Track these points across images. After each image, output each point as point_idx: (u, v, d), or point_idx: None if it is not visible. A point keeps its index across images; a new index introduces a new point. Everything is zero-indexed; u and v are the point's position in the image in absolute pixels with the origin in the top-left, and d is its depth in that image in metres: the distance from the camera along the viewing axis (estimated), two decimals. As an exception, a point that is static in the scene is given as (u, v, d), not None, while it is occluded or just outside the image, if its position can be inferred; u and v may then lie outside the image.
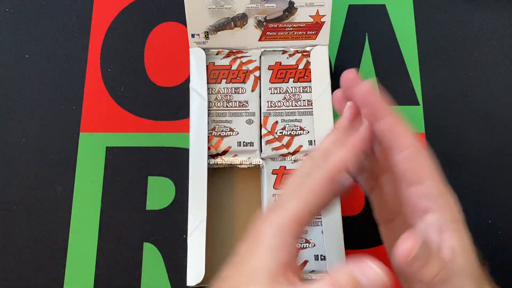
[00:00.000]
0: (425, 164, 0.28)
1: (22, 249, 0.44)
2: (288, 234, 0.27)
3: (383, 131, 0.28)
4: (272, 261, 0.26)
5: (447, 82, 0.51)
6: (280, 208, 0.28)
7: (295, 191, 0.28)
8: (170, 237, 0.45)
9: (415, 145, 0.28)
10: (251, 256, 0.27)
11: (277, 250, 0.26)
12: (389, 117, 0.28)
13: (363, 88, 0.28)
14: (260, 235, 0.27)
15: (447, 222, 0.27)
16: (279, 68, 0.46)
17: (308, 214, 0.27)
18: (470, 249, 0.27)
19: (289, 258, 0.26)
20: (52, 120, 0.48)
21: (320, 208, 0.28)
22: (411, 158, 0.28)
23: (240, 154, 0.44)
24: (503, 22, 0.53)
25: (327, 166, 0.28)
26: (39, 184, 0.46)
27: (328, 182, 0.28)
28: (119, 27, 0.52)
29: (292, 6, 0.43)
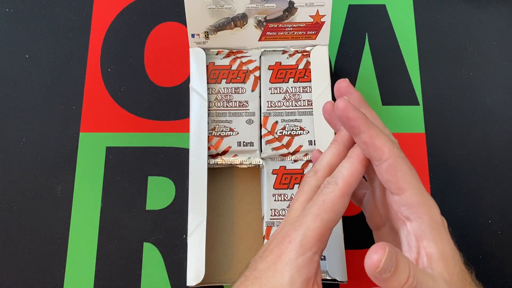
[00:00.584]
0: (404, 174, 0.28)
1: (22, 249, 0.44)
2: (311, 250, 0.28)
3: (364, 144, 0.29)
4: (297, 277, 0.27)
5: (447, 82, 0.51)
6: (299, 226, 0.29)
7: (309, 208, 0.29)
8: (170, 237, 0.45)
9: (395, 155, 0.28)
10: (275, 273, 0.28)
11: (301, 267, 0.27)
12: (369, 130, 0.29)
13: (340, 105, 0.29)
14: (281, 252, 0.28)
15: (426, 229, 0.28)
16: (279, 68, 0.46)
17: (327, 231, 0.29)
18: (451, 255, 0.28)
19: (313, 273, 0.28)
20: (52, 120, 0.48)
21: (336, 222, 0.29)
22: (390, 169, 0.28)
23: (240, 154, 0.44)
24: (503, 22, 0.53)
25: (338, 181, 0.29)
26: (39, 184, 0.46)
27: (342, 197, 0.29)
28: (119, 27, 0.52)
29: (292, 6, 0.43)
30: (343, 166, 0.30)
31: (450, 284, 0.26)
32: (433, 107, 0.50)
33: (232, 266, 0.43)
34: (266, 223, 0.42)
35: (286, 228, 0.29)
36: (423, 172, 0.48)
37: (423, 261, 0.27)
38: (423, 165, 0.48)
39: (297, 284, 0.27)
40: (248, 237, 0.44)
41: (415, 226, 0.28)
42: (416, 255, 0.28)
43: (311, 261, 0.28)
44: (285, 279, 0.27)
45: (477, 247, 0.46)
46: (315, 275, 0.28)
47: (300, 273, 0.27)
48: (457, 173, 0.48)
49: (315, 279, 0.28)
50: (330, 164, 0.31)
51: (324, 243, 0.29)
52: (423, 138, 0.49)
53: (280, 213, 0.42)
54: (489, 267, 0.45)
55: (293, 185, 0.43)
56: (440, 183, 0.47)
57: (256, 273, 0.29)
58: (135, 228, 0.45)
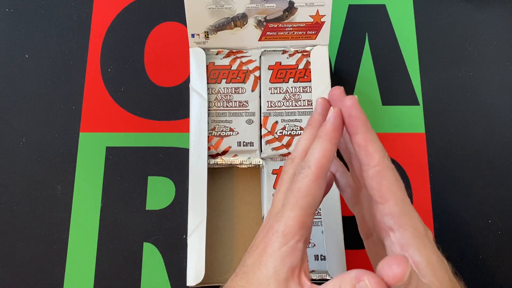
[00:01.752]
0: (390, 184, 0.28)
1: (22, 249, 0.44)
2: (293, 239, 0.28)
3: (358, 145, 0.29)
4: (281, 267, 0.27)
5: (447, 82, 0.51)
6: (280, 216, 0.28)
7: (287, 197, 0.29)
8: (170, 237, 0.45)
9: (384, 164, 0.28)
10: (260, 265, 0.28)
11: (284, 256, 0.27)
12: (365, 133, 0.29)
13: (348, 102, 0.29)
14: (266, 245, 0.28)
15: (410, 239, 0.27)
16: (279, 68, 0.46)
17: (308, 216, 0.28)
18: (438, 264, 0.27)
19: (298, 261, 0.27)
20: (52, 120, 0.48)
21: (316, 206, 0.29)
22: (377, 177, 0.28)
23: (240, 154, 0.44)
24: (503, 22, 0.53)
25: (311, 164, 0.29)
26: (39, 184, 0.46)
27: (316, 180, 0.28)
28: (119, 27, 0.52)
29: (292, 6, 0.43)
30: (314, 148, 0.29)
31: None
32: (433, 107, 0.50)
33: (232, 266, 0.43)
34: None
35: (270, 221, 0.29)
36: (423, 172, 0.48)
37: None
38: (423, 165, 0.48)
39: (282, 274, 0.27)
40: (248, 237, 0.44)
41: (398, 236, 0.28)
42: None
43: (295, 249, 0.27)
44: (270, 271, 0.27)
45: (477, 247, 0.46)
46: (300, 263, 0.28)
47: (284, 263, 0.27)
48: (457, 173, 0.48)
49: (301, 267, 0.28)
50: (305, 149, 0.31)
51: (307, 230, 0.28)
52: (423, 138, 0.49)
53: None
54: (489, 267, 0.45)
55: None
56: (440, 183, 0.47)
57: (245, 268, 0.29)
58: (135, 228, 0.45)
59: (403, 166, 0.48)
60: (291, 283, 0.27)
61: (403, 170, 0.47)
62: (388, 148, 0.48)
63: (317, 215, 0.42)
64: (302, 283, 0.27)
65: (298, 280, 0.27)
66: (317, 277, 0.40)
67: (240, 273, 0.29)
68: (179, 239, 0.45)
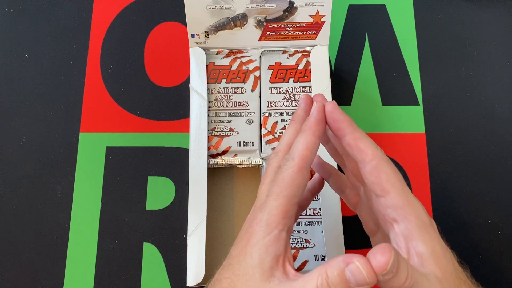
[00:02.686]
0: (388, 176, 0.29)
1: (22, 249, 0.44)
2: (277, 228, 0.28)
3: (349, 146, 0.30)
4: (266, 256, 0.27)
5: (447, 82, 0.51)
6: (264, 207, 0.29)
7: (271, 188, 0.29)
8: (170, 237, 0.45)
9: (379, 157, 0.29)
10: (245, 256, 0.28)
11: (269, 245, 0.27)
12: (353, 133, 0.29)
13: (330, 106, 0.30)
14: (250, 235, 0.28)
15: (413, 229, 0.28)
16: (279, 68, 0.46)
17: (290, 207, 0.29)
18: (442, 253, 0.28)
19: (281, 250, 0.28)
20: (52, 120, 0.48)
21: (299, 196, 0.29)
22: (375, 171, 0.29)
23: (240, 154, 0.44)
24: (503, 22, 0.53)
25: (295, 155, 0.29)
26: (39, 184, 0.46)
27: (300, 171, 0.29)
28: (119, 27, 0.52)
29: (292, 6, 0.43)
30: (297, 142, 0.30)
31: (443, 281, 0.26)
32: (433, 107, 0.50)
33: (232, 266, 0.43)
34: None
35: (254, 212, 0.30)
36: (423, 172, 0.48)
37: (414, 260, 0.27)
38: (423, 165, 0.48)
39: (267, 263, 0.27)
40: (248, 237, 0.44)
41: (402, 227, 0.28)
42: (406, 255, 0.28)
43: (278, 238, 0.28)
44: (255, 261, 0.27)
45: (477, 247, 0.46)
46: (284, 252, 0.28)
47: (268, 252, 0.27)
48: (457, 173, 0.48)
49: (285, 255, 0.28)
50: (289, 143, 0.32)
51: (290, 220, 0.29)
52: (423, 138, 0.49)
53: None
54: (489, 267, 0.45)
55: None
56: (440, 183, 0.47)
57: (230, 260, 0.29)
58: (135, 228, 0.45)
59: (403, 166, 0.48)
60: (276, 271, 0.27)
61: (403, 170, 0.47)
62: (388, 148, 0.48)
63: (317, 215, 0.42)
64: (286, 271, 0.27)
65: (283, 269, 0.27)
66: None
67: (226, 265, 0.29)
68: (179, 239, 0.45)
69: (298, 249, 0.41)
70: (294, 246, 0.41)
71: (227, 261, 0.29)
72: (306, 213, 0.42)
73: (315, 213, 0.42)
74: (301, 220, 0.42)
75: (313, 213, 0.42)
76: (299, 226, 0.42)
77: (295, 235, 0.42)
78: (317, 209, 0.42)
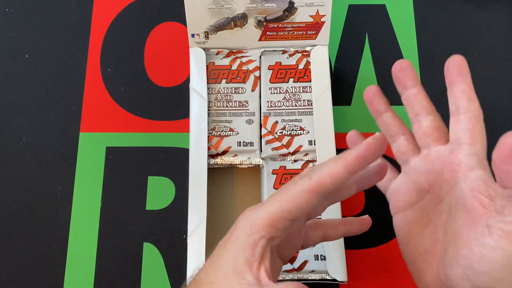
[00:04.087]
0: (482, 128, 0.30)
1: (22, 249, 0.44)
2: (258, 233, 0.27)
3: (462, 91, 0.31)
4: (239, 257, 0.27)
5: (447, 82, 0.51)
6: (258, 207, 0.28)
7: (274, 194, 0.29)
8: (170, 237, 0.45)
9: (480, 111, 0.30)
10: (224, 250, 0.28)
11: (245, 248, 0.27)
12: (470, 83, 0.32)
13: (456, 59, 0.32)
14: (233, 231, 0.28)
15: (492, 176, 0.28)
16: (279, 68, 0.46)
17: (281, 219, 0.28)
18: None
19: (257, 257, 0.27)
20: (52, 120, 0.48)
21: (296, 216, 0.28)
22: (473, 120, 0.30)
23: (240, 154, 0.44)
24: (503, 22, 0.53)
25: (313, 176, 0.28)
26: (39, 184, 0.46)
27: (309, 193, 0.28)
28: (119, 27, 0.52)
29: (292, 6, 0.43)
30: (325, 164, 0.28)
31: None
32: (433, 107, 0.50)
33: (232, 266, 0.43)
34: None
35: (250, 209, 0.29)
36: (423, 172, 0.47)
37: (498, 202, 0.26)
38: (423, 165, 0.48)
39: (239, 264, 0.26)
40: (248, 237, 0.44)
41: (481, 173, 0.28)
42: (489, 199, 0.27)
43: (255, 244, 0.27)
44: (230, 258, 0.27)
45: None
46: (260, 259, 0.27)
47: (243, 254, 0.27)
48: (457, 173, 0.48)
49: (260, 263, 0.27)
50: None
51: (276, 231, 0.28)
52: (423, 138, 0.49)
53: None
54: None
55: None
56: (440, 183, 0.47)
57: (214, 251, 0.29)
58: (135, 228, 0.45)
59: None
60: (247, 275, 0.26)
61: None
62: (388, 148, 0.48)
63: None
64: (260, 278, 0.26)
65: (256, 276, 0.26)
66: (317, 277, 0.40)
67: (209, 256, 0.29)
68: (179, 239, 0.45)
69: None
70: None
71: (212, 252, 0.29)
72: (306, 213, 0.42)
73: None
74: (301, 220, 0.42)
75: (313, 213, 0.42)
76: (299, 226, 0.42)
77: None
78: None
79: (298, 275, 0.40)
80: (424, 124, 0.33)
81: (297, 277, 0.40)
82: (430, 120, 0.33)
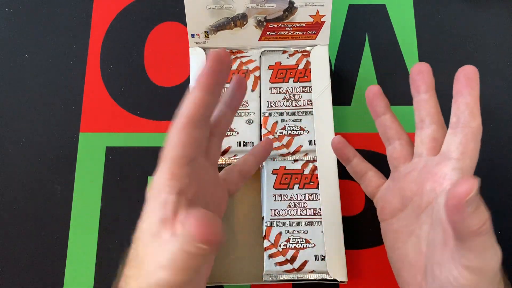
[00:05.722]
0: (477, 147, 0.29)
1: (22, 249, 0.44)
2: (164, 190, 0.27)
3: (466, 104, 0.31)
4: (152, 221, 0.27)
5: (447, 82, 0.51)
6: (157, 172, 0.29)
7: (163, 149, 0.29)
8: (170, 237, 0.45)
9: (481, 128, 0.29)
10: (141, 221, 0.28)
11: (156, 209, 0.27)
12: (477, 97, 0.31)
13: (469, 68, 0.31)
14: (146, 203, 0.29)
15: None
16: (279, 68, 0.46)
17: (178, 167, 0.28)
18: None
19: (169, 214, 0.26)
20: (52, 120, 0.48)
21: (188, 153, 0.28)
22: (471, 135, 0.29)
23: (240, 154, 0.44)
24: (503, 22, 0.53)
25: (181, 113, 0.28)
26: (39, 184, 0.46)
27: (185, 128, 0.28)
28: (119, 27, 0.52)
29: (292, 6, 0.43)
30: (187, 97, 0.28)
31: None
32: (433, 107, 0.50)
33: (232, 266, 0.43)
34: (266, 223, 0.42)
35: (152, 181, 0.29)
36: (423, 172, 0.47)
37: None
38: (423, 165, 0.48)
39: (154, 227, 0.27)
40: (248, 237, 0.44)
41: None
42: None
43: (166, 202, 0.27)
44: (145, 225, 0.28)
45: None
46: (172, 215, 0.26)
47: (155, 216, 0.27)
48: (457, 173, 0.48)
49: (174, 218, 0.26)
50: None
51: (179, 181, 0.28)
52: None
53: (280, 213, 0.42)
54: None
55: (293, 185, 0.43)
56: (440, 183, 0.47)
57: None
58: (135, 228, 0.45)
59: (403, 166, 0.48)
60: (163, 233, 0.26)
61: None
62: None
63: (317, 215, 0.42)
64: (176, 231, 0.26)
65: (172, 231, 0.26)
66: (317, 277, 0.40)
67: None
68: (179, 239, 0.45)
69: (298, 249, 0.41)
70: (294, 246, 0.41)
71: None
72: (306, 213, 0.42)
73: (315, 213, 0.42)
74: (301, 220, 0.42)
75: (313, 213, 0.42)
76: (299, 226, 0.42)
77: (295, 235, 0.41)
78: (317, 209, 0.42)
79: (298, 275, 0.40)
80: (424, 132, 0.32)
81: (297, 277, 0.40)
82: (432, 130, 0.32)
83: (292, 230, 0.42)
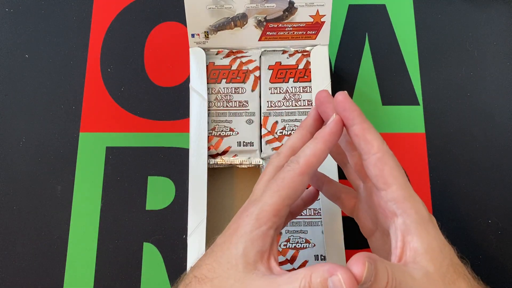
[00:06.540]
0: (391, 169, 0.29)
1: (22, 249, 0.44)
2: (266, 224, 0.28)
3: (356, 136, 0.30)
4: (251, 249, 0.28)
5: (447, 82, 0.51)
6: (258, 201, 0.29)
7: (269, 185, 0.30)
8: (170, 237, 0.45)
9: (383, 150, 0.29)
10: (230, 245, 0.28)
11: (255, 240, 0.28)
12: (362, 123, 0.30)
13: (340, 97, 0.30)
14: (238, 226, 0.29)
15: (411, 224, 0.28)
16: (279, 68, 0.46)
17: (283, 207, 0.29)
18: (439, 249, 0.28)
19: (267, 247, 0.28)
20: (52, 120, 0.48)
21: (295, 200, 0.30)
22: (378, 164, 0.29)
23: (240, 154, 0.44)
24: (503, 22, 0.53)
25: (300, 159, 0.30)
26: (39, 184, 0.46)
27: (301, 175, 0.29)
28: (119, 27, 0.52)
29: (292, 6, 0.43)
30: (307, 147, 0.30)
31: (435, 277, 0.27)
32: (433, 107, 0.50)
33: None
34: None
35: (247, 205, 0.30)
36: (423, 172, 0.48)
37: (407, 256, 0.28)
38: (423, 165, 0.48)
39: (251, 256, 0.27)
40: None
41: (400, 222, 0.28)
42: (401, 250, 0.28)
43: (265, 235, 0.28)
44: (239, 251, 0.28)
45: (477, 247, 0.46)
46: (269, 248, 0.28)
47: (253, 245, 0.28)
48: (457, 173, 0.48)
49: (270, 252, 0.28)
50: (292, 146, 0.32)
51: (280, 219, 0.29)
52: (423, 138, 0.49)
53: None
54: (489, 267, 0.45)
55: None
56: (440, 183, 0.47)
57: (214, 247, 0.29)
58: (135, 228, 0.45)
59: (403, 166, 0.47)
60: (259, 265, 0.27)
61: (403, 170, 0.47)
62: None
63: (317, 215, 0.42)
64: (271, 267, 0.28)
65: (267, 264, 0.28)
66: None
67: (209, 252, 0.29)
68: (179, 239, 0.45)
69: (298, 249, 0.41)
70: (294, 246, 0.41)
71: (210, 248, 0.30)
72: (306, 213, 0.42)
73: (315, 213, 0.42)
74: (301, 220, 0.42)
75: (313, 213, 0.42)
76: (299, 226, 0.42)
77: (295, 235, 0.42)
78: (317, 209, 0.42)
79: (298, 275, 0.40)
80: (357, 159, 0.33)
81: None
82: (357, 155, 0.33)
83: (292, 230, 0.42)
